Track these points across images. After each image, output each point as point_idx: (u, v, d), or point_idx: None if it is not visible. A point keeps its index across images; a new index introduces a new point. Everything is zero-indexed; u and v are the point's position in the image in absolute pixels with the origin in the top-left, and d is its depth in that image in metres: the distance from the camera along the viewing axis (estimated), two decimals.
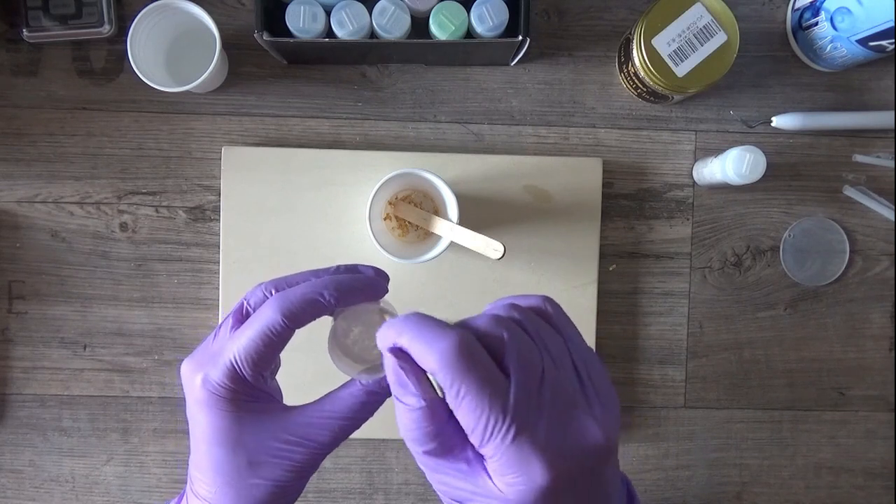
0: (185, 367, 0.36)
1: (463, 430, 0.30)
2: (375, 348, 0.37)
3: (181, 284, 0.67)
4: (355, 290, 0.36)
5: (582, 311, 0.66)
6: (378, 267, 0.39)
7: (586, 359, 0.32)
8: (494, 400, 0.29)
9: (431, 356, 0.29)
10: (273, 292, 0.36)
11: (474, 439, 0.29)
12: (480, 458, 0.30)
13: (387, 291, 0.38)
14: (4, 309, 0.66)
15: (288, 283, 0.37)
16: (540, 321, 0.33)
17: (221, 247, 0.65)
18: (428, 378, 0.31)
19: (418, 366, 0.31)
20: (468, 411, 0.29)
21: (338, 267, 0.38)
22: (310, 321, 0.35)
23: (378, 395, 0.37)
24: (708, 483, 0.69)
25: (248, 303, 0.37)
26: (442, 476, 0.31)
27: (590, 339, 0.66)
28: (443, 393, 0.30)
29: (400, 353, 0.31)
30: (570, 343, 0.32)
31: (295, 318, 0.34)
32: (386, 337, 0.31)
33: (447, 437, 0.30)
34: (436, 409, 0.30)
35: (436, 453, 0.31)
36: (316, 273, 0.37)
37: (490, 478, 0.30)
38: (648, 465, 0.69)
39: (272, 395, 0.37)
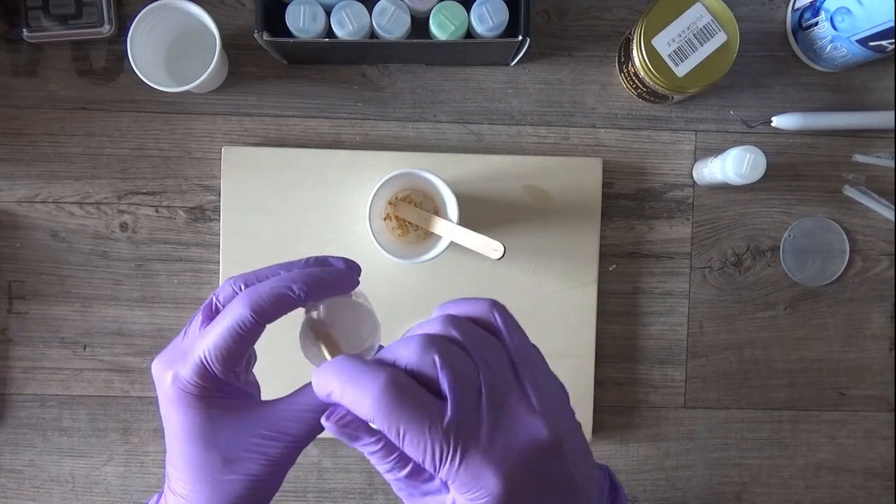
0: (156, 366, 0.36)
1: None
2: (348, 341, 0.37)
3: (181, 284, 0.67)
4: (326, 283, 0.36)
5: (582, 311, 0.66)
6: (350, 259, 0.38)
7: (526, 358, 0.32)
8: (434, 430, 0.29)
9: (362, 406, 0.29)
10: (242, 287, 0.36)
11: (428, 469, 0.30)
12: None
13: (358, 283, 0.38)
14: (4, 309, 0.66)
15: (258, 277, 0.36)
16: (474, 328, 0.32)
17: (221, 247, 0.65)
18: None
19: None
20: (412, 449, 0.29)
21: (308, 259, 0.38)
22: (279, 316, 0.35)
23: None
24: (708, 483, 0.69)
25: (217, 299, 0.36)
26: (418, 500, 0.31)
27: (590, 338, 0.66)
28: None
29: (336, 409, 0.31)
30: (508, 345, 0.32)
31: (264, 314, 0.34)
32: (319, 393, 0.31)
33: (415, 461, 0.30)
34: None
35: (409, 478, 0.30)
36: (286, 266, 0.37)
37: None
38: (648, 465, 0.69)
39: (245, 391, 0.37)
